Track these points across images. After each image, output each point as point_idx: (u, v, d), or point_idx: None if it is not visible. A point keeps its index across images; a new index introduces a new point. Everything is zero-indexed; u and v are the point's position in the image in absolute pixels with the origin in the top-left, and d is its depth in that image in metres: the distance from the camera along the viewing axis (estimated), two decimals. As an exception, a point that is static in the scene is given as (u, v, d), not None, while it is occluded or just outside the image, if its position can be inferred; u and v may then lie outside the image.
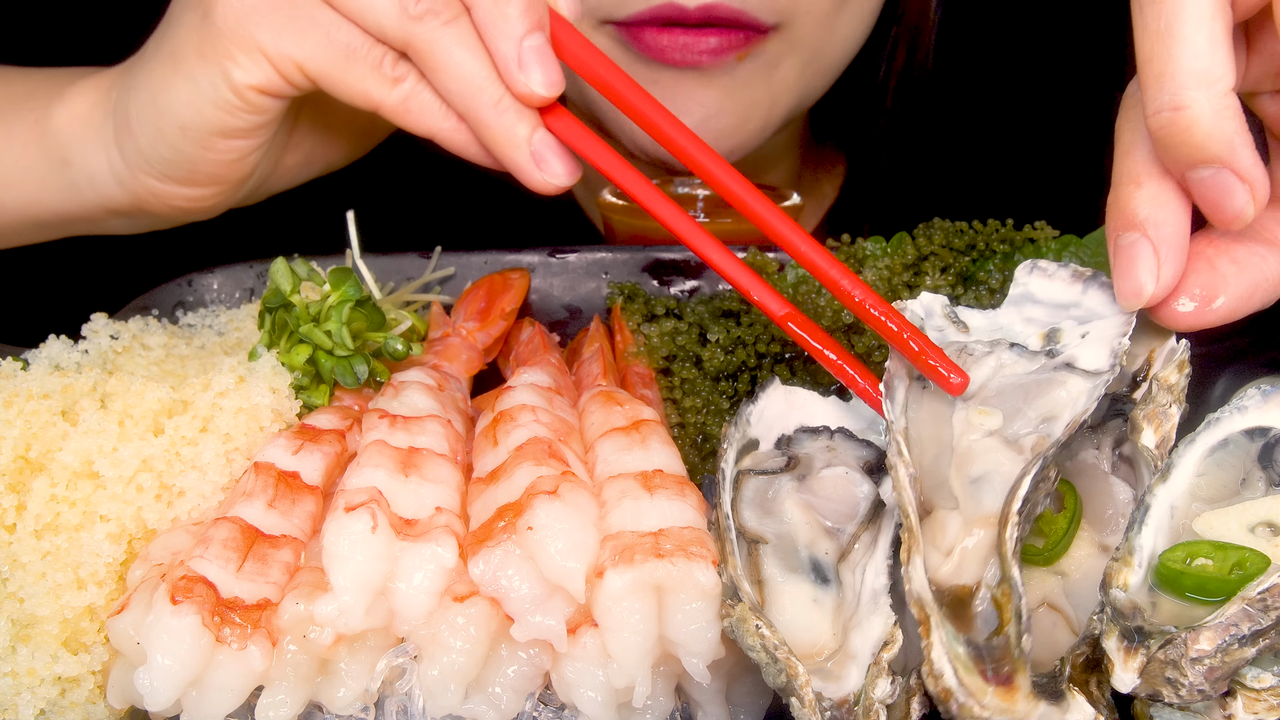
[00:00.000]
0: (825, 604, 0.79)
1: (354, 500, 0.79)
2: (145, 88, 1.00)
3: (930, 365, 0.83)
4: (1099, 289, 0.87)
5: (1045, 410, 0.81)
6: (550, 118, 0.91)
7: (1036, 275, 0.90)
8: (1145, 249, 0.77)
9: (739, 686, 0.81)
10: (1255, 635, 0.66)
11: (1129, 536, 0.74)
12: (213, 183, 1.03)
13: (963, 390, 0.83)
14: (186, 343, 1.06)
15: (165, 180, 1.02)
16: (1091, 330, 0.85)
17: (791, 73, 1.33)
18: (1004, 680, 0.66)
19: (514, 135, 0.90)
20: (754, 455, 0.89)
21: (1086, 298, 0.87)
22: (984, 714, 0.64)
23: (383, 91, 0.92)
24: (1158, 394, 0.82)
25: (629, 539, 0.78)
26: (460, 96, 0.90)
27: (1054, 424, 0.80)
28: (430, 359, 1.07)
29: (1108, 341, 0.83)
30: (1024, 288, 0.90)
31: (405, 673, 0.77)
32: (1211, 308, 0.79)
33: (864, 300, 0.85)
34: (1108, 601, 0.71)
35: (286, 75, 0.93)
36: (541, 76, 0.88)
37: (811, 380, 1.02)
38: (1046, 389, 0.82)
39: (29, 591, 0.80)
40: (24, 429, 0.85)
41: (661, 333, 1.08)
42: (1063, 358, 0.84)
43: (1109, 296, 0.86)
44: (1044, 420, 0.81)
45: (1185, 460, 0.79)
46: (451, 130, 0.93)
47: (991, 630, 0.69)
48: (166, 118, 0.98)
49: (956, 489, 0.78)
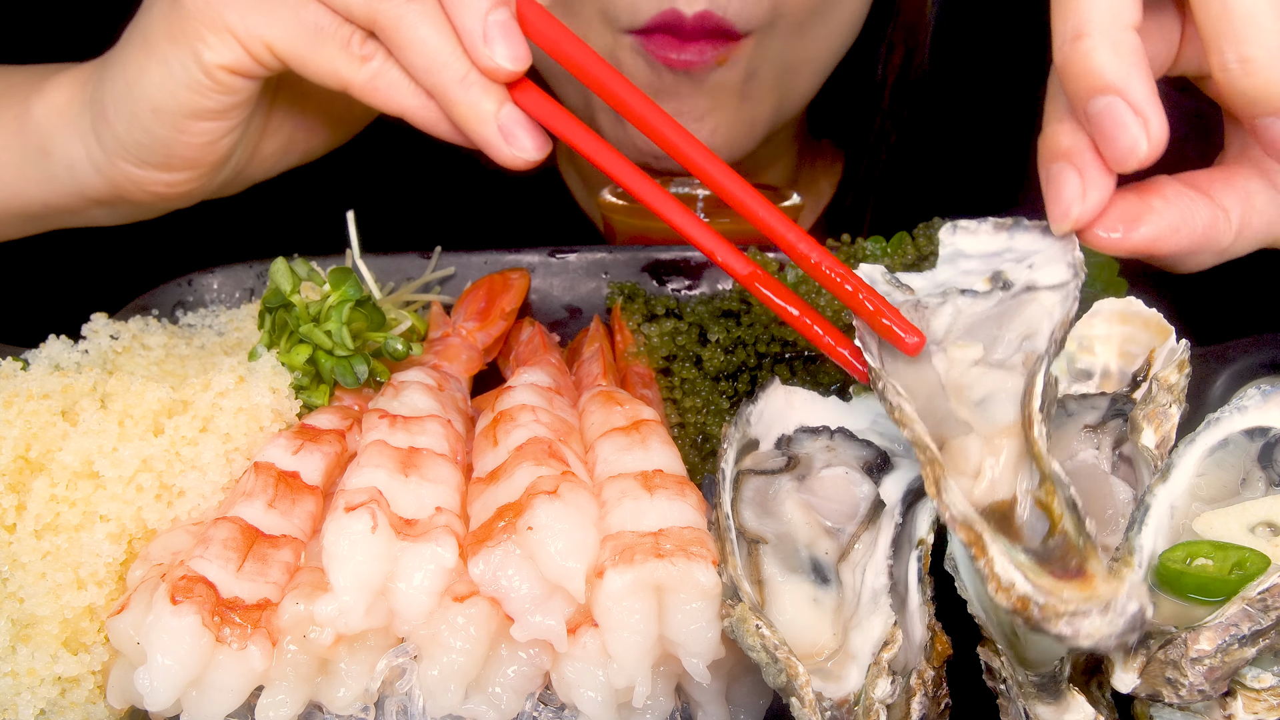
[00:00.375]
0: (825, 604, 0.79)
1: (354, 500, 0.79)
2: (120, 75, 1.01)
3: (885, 325, 0.83)
4: (1024, 232, 0.87)
5: (1023, 329, 0.82)
6: (518, 93, 0.92)
7: (961, 234, 0.90)
8: (1071, 174, 0.80)
9: (739, 686, 0.81)
10: (1255, 635, 0.66)
11: (1129, 536, 0.74)
12: (188, 166, 1.04)
13: (918, 350, 0.83)
14: (186, 343, 1.06)
15: (142, 165, 1.03)
16: (1035, 259, 0.85)
17: (767, 79, 1.36)
18: (1076, 573, 0.64)
19: (481, 110, 0.91)
20: (754, 455, 0.89)
21: (1015, 241, 0.88)
22: (1069, 608, 0.62)
23: (351, 70, 0.93)
24: (1158, 394, 0.82)
25: (629, 539, 0.78)
26: (427, 73, 0.91)
27: (1036, 339, 0.80)
28: (430, 359, 1.07)
29: (1059, 258, 0.84)
30: (952, 247, 0.90)
31: (405, 673, 0.77)
32: (1135, 233, 0.82)
33: (820, 262, 0.86)
34: (1108, 601, 0.71)
35: (256, 55, 0.94)
36: (506, 50, 0.89)
37: (811, 380, 1.02)
38: (1018, 311, 0.83)
39: (29, 591, 0.80)
40: (24, 429, 0.85)
41: (661, 333, 1.08)
42: (1020, 285, 0.85)
43: (1037, 234, 0.86)
44: (1025, 338, 0.81)
45: (1185, 460, 0.79)
46: (420, 107, 0.94)
47: (1044, 534, 0.68)
48: (141, 102, 0.99)
49: (964, 415, 0.78)
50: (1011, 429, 0.74)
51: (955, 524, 0.67)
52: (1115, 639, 0.62)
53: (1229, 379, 0.95)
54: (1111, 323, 0.89)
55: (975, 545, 0.66)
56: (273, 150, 1.11)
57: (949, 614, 0.77)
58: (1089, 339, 0.89)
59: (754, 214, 0.87)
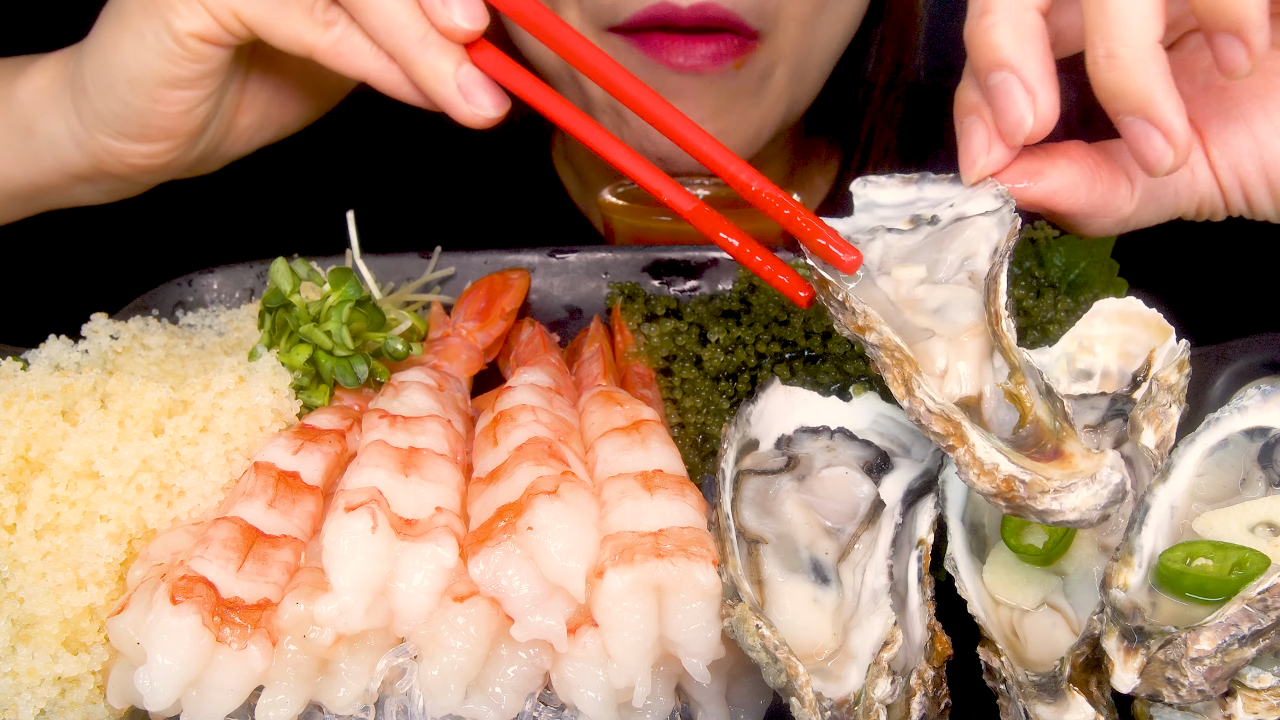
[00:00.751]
0: (825, 604, 0.79)
1: (354, 500, 0.79)
2: (96, 49, 1.04)
3: (821, 245, 0.85)
4: (932, 184, 0.90)
5: (963, 251, 0.84)
6: (477, 53, 0.96)
7: (871, 187, 0.92)
8: (979, 128, 0.85)
9: (739, 686, 0.81)
10: (1255, 635, 0.66)
11: (1129, 536, 0.74)
12: (165, 137, 1.06)
13: (855, 268, 0.85)
14: (186, 343, 1.06)
15: (119, 137, 1.06)
16: (953, 200, 0.87)
17: (781, 80, 1.36)
18: (1054, 455, 0.66)
19: (440, 70, 0.95)
20: (754, 455, 0.89)
21: (925, 193, 0.90)
22: (1054, 484, 0.64)
23: (315, 35, 0.97)
24: (1158, 394, 0.82)
25: (629, 539, 0.78)
26: (387, 34, 0.95)
27: (976, 259, 0.82)
28: (430, 359, 1.07)
29: (981, 193, 0.86)
30: (865, 199, 0.91)
31: (405, 673, 0.77)
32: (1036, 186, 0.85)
33: (760, 189, 0.89)
34: (1108, 601, 0.71)
35: (224, 22, 0.98)
36: (463, 10, 0.93)
37: (811, 380, 1.02)
38: (954, 236, 0.85)
39: (29, 591, 0.80)
40: (24, 429, 0.85)
41: (661, 333, 1.08)
42: (947, 219, 0.87)
43: (945, 185, 0.89)
44: (966, 259, 0.83)
45: (1185, 460, 0.79)
46: (382, 70, 0.97)
47: (1014, 425, 0.70)
48: (116, 72, 1.02)
49: (925, 322, 0.80)
50: (975, 328, 0.77)
51: (932, 418, 0.69)
52: (1099, 510, 0.65)
53: (1229, 379, 0.95)
54: (1111, 323, 0.89)
55: (955, 435, 0.68)
56: (248, 124, 1.13)
57: (949, 614, 0.77)
58: (1089, 339, 0.89)
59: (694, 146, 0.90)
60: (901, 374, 0.73)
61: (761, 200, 0.88)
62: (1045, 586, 0.78)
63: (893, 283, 0.84)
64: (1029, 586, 0.78)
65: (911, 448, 0.88)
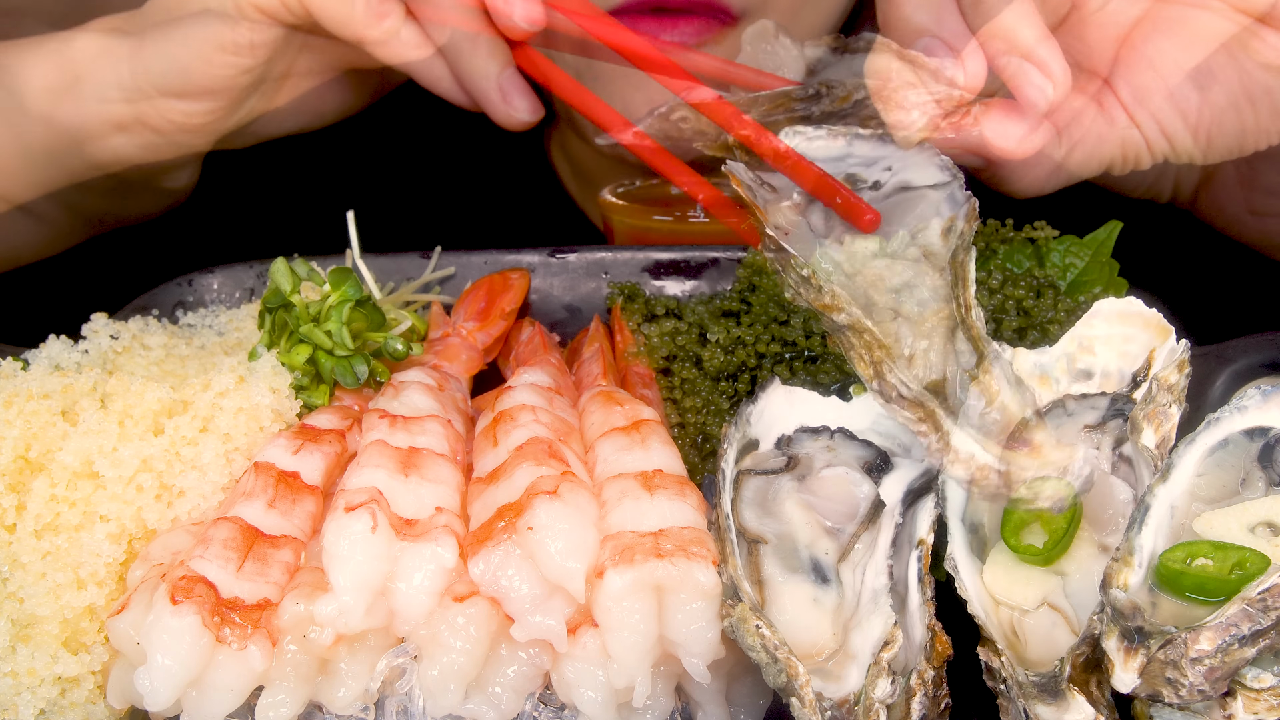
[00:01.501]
0: (825, 604, 0.79)
1: (354, 500, 0.79)
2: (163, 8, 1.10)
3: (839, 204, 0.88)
4: (862, 140, 0.91)
5: (913, 224, 0.86)
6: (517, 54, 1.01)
7: (798, 138, 0.93)
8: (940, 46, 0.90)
9: (739, 686, 0.81)
10: (1255, 635, 0.66)
11: (1129, 536, 0.74)
12: (207, 96, 1.09)
13: (875, 226, 0.87)
14: (186, 343, 1.06)
15: (164, 93, 1.09)
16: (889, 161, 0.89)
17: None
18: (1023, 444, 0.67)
19: (486, 69, 1.00)
20: (754, 455, 0.89)
21: (855, 148, 0.92)
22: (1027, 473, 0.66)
23: (368, 23, 1.01)
24: (1158, 394, 0.82)
25: (629, 539, 0.78)
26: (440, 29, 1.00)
27: (928, 233, 0.84)
28: (430, 359, 1.07)
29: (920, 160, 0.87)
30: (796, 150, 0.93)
31: (405, 673, 0.77)
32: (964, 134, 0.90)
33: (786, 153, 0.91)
34: (1108, 601, 0.71)
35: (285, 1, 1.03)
36: (523, 9, 0.97)
37: (811, 380, 1.02)
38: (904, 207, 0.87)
39: (29, 591, 0.80)
40: (24, 429, 0.85)
41: (661, 333, 1.08)
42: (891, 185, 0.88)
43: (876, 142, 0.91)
44: (917, 232, 0.85)
45: (1185, 460, 0.79)
46: (426, 63, 1.03)
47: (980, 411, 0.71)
48: (175, 29, 1.07)
49: (888, 302, 0.81)
50: (940, 314, 0.77)
51: (904, 402, 0.70)
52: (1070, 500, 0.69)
53: (1229, 379, 0.95)
54: (1111, 323, 0.89)
55: (929, 420, 0.68)
56: (286, 105, 1.16)
57: (949, 614, 0.77)
58: (1089, 339, 0.89)
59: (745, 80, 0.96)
60: (871, 356, 0.74)
61: (786, 161, 0.90)
62: (1045, 586, 0.78)
63: (849, 256, 0.85)
64: (1029, 586, 0.78)
65: (912, 448, 0.88)
